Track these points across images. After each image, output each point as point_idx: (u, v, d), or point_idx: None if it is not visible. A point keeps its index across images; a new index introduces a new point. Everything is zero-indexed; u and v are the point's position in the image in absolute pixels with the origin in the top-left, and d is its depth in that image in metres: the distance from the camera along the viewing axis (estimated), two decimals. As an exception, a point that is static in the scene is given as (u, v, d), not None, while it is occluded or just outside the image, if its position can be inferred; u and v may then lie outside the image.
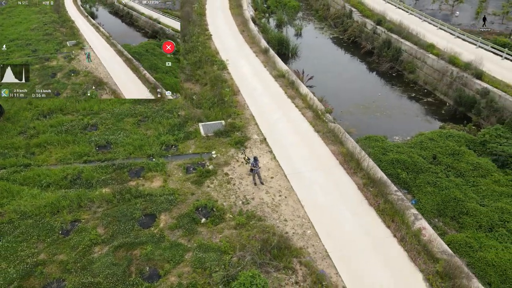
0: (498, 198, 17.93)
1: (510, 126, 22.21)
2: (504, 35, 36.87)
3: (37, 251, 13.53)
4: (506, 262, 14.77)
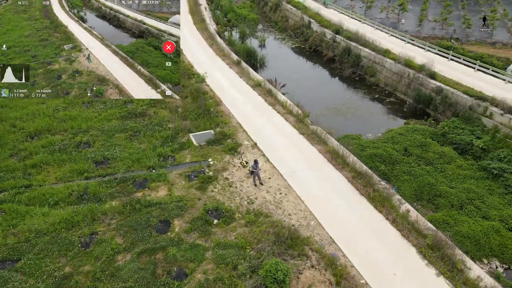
0: (463, 180, 20.68)
1: (464, 118, 25.40)
2: (446, 39, 41.33)
3: (61, 265, 13.97)
4: (478, 233, 17.28)
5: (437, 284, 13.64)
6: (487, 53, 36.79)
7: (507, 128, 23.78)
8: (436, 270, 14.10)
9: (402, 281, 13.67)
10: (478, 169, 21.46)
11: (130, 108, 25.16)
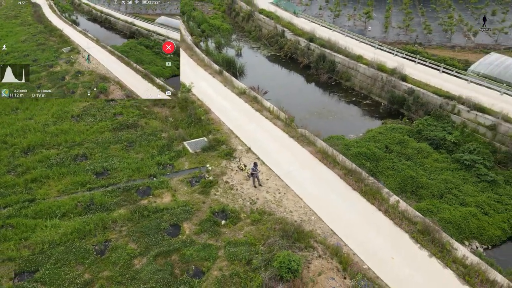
0: (441, 172, 22.68)
1: (435, 116, 27.67)
2: (410, 44, 44.28)
3: (80, 272, 14.41)
4: (459, 218, 19.17)
5: (431, 264, 15.21)
6: (448, 56, 39.84)
7: (473, 123, 26.19)
8: (428, 252, 15.69)
9: (400, 264, 15.13)
10: (452, 161, 23.59)
11: (121, 119, 25.57)
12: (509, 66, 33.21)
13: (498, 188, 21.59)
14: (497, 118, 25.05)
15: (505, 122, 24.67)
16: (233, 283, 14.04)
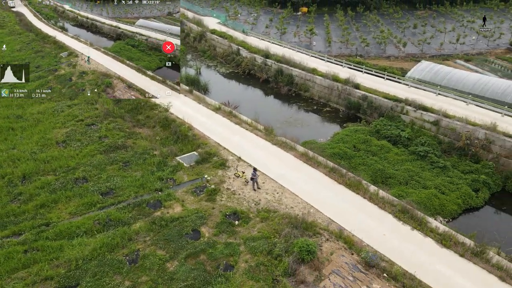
0: (402, 163, 26.70)
1: (388, 117, 32.05)
2: (352, 56, 49.59)
3: (120, 280, 15.60)
4: (424, 199, 23.02)
5: (414, 235, 18.55)
6: (386, 65, 45.48)
7: (420, 120, 30.90)
8: (410, 226, 19.06)
9: (390, 238, 18.27)
10: (409, 154, 27.81)
11: (108, 142, 26.45)
12: (438, 72, 39.13)
13: (449, 172, 26.04)
14: (439, 115, 29.92)
15: (445, 118, 29.58)
16: (260, 270, 16.14)
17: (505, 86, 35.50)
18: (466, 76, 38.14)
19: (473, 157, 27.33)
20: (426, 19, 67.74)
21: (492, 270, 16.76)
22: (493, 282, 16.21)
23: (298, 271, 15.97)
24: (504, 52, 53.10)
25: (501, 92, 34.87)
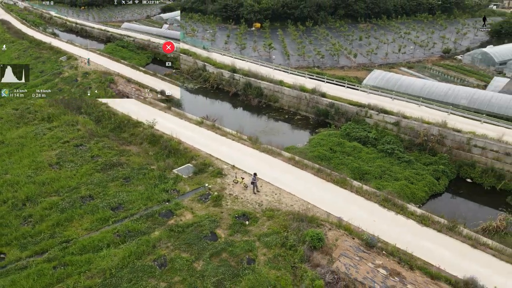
0: (374, 161, 30.25)
1: (354, 121, 35.77)
2: (310, 67, 53.62)
3: (156, 283, 16.94)
4: (398, 189, 26.49)
5: (398, 219, 21.73)
6: (342, 75, 49.97)
7: (382, 122, 34.93)
8: (394, 212, 22.25)
9: (380, 223, 21.25)
10: (379, 152, 31.51)
11: (102, 160, 27.20)
12: (389, 79, 44.06)
13: (413, 165, 29.99)
14: (398, 116, 34.11)
15: (404, 119, 33.81)
16: (279, 261, 18.30)
17: (446, 89, 41.06)
18: (413, 82, 43.40)
19: (431, 151, 31.64)
20: (369, 31, 74.36)
21: (464, 240, 20.29)
22: (467, 249, 19.69)
23: (312, 257, 18.35)
24: (438, 59, 60.21)
25: (443, 94, 40.32)
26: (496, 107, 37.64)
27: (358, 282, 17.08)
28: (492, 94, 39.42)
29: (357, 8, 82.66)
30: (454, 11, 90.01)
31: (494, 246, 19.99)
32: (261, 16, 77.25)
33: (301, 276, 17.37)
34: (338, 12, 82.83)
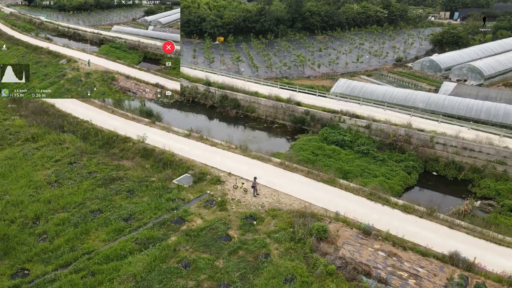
0: (353, 161, 33.36)
1: (330, 126, 38.91)
2: (278, 78, 56.63)
3: (185, 282, 18.38)
4: (378, 184, 29.55)
5: (384, 209, 24.66)
6: (310, 84, 53.42)
7: (355, 126, 38.35)
8: (380, 204, 25.20)
9: (371, 213, 24.04)
10: (355, 153, 34.72)
11: (100, 176, 27.92)
12: (354, 87, 48.02)
13: (387, 163, 33.44)
14: (369, 120, 37.70)
15: (374, 122, 37.44)
16: (291, 252, 20.42)
17: (406, 94, 45.62)
18: (376, 89, 47.64)
19: (400, 149, 35.36)
20: (326, 43, 79.23)
21: (442, 223, 23.57)
22: (445, 230, 22.92)
23: (320, 247, 20.67)
24: (392, 67, 65.79)
25: (403, 99, 44.78)
26: (449, 108, 42.55)
27: (363, 264, 19.59)
28: (445, 97, 44.45)
29: (313, 21, 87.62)
30: (399, 22, 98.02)
31: (466, 226, 23.44)
32: (223, 30, 79.75)
33: (314, 263, 19.58)
34: (296, 25, 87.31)
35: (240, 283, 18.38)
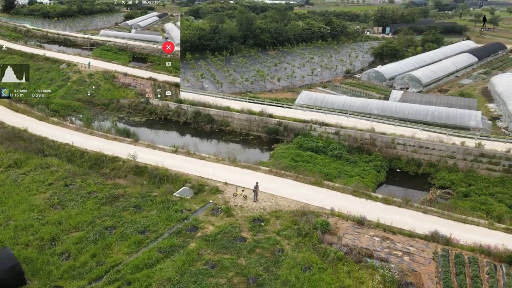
0: (330, 165, 37.12)
1: (302, 135, 42.54)
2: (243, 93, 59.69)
3: (216, 280, 20.37)
4: (354, 182, 33.52)
5: (368, 202, 28.39)
6: (273, 97, 57.06)
7: (325, 133, 42.37)
8: (364, 199, 28.93)
9: (358, 207, 27.57)
10: (330, 157, 38.57)
11: (102, 195, 28.75)
12: (316, 98, 52.50)
13: (358, 164, 37.65)
14: (337, 127, 41.93)
15: (342, 128, 41.73)
16: (301, 245, 23.20)
17: (362, 103, 50.91)
18: (336, 99, 52.47)
19: (367, 152, 39.84)
20: (279, 58, 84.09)
21: (418, 210, 27.80)
22: (421, 215, 27.09)
23: (325, 239, 23.70)
24: (343, 78, 71.86)
25: (361, 107, 49.90)
26: (401, 113, 48.29)
27: (364, 249, 22.90)
28: (396, 103, 50.35)
29: (263, 37, 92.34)
30: (341, 37, 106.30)
31: (436, 210, 27.88)
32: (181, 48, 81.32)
33: (324, 252, 22.55)
34: (248, 42, 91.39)
35: (266, 275, 20.79)
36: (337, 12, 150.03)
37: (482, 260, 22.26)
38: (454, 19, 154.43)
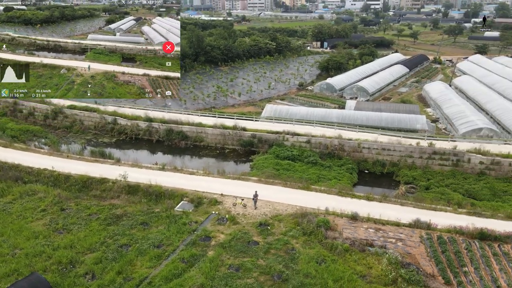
0: (308, 170, 40.36)
1: (277, 145, 45.48)
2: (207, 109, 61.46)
3: (243, 280, 22.18)
4: (334, 184, 37.06)
5: (355, 201, 31.90)
6: (239, 111, 59.64)
7: (298, 142, 45.69)
8: (349, 198, 32.42)
9: (346, 205, 30.91)
10: (307, 164, 41.88)
11: (103, 216, 29.02)
12: (281, 110, 56.01)
13: (333, 168, 41.37)
14: (308, 136, 45.52)
15: (312, 137, 45.39)
16: (309, 243, 25.81)
17: (323, 112, 55.32)
18: (298, 110, 56.37)
19: (338, 157, 43.81)
20: (232, 73, 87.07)
21: (396, 203, 31.88)
22: (400, 207, 31.15)
23: (328, 234, 26.57)
24: (297, 91, 76.56)
25: (322, 116, 54.21)
26: (358, 120, 53.34)
27: (363, 240, 26.13)
28: (353, 112, 55.50)
29: (214, 54, 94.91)
30: (286, 52, 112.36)
31: (410, 202, 32.19)
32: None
33: (331, 246, 25.37)
34: (199, 59, 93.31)
35: (288, 271, 23.04)
36: (276, 28, 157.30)
37: (459, 239, 26.57)
38: (379, 33, 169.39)
